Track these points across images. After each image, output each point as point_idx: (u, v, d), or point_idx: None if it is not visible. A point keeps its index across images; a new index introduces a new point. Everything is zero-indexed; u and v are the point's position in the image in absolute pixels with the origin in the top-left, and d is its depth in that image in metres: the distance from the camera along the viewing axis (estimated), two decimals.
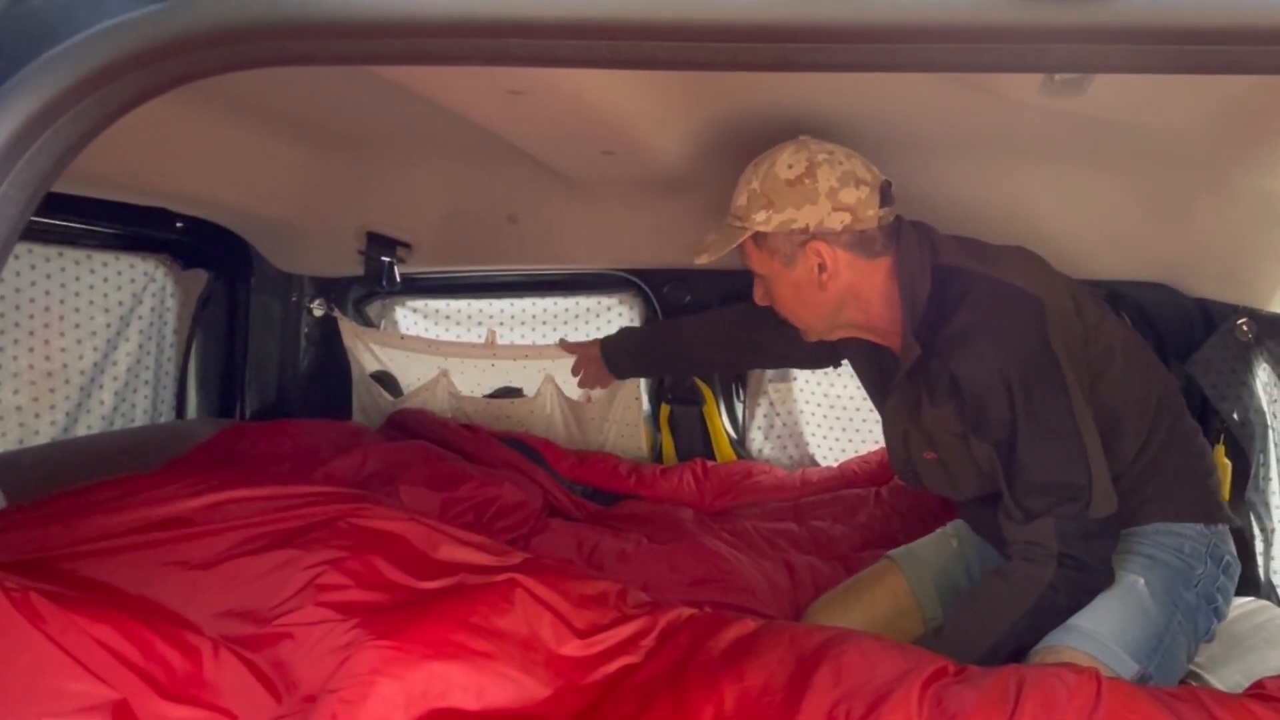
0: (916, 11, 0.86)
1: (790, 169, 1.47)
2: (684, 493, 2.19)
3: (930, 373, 1.49)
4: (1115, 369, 1.52)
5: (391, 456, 2.00)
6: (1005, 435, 1.42)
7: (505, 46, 0.92)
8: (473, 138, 1.69)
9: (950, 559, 1.77)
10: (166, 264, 2.27)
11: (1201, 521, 1.55)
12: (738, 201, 1.53)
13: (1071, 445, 1.40)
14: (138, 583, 1.22)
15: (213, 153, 1.84)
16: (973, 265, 1.49)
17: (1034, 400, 1.40)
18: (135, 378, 2.24)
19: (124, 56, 0.85)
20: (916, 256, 1.50)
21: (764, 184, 1.49)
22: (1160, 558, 1.51)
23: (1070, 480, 1.40)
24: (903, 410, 1.58)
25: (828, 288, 1.51)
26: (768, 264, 1.54)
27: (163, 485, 1.42)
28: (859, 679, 1.21)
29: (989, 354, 1.41)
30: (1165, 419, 1.58)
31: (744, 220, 1.51)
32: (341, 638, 1.17)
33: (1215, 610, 1.54)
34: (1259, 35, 0.83)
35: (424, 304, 2.62)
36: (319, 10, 0.89)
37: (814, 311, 1.57)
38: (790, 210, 1.47)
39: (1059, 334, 1.43)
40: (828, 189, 1.46)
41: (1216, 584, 1.54)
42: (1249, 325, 1.92)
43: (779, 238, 1.50)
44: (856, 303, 1.54)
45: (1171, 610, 1.46)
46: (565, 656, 1.28)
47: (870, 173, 1.50)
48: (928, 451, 1.59)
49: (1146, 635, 1.42)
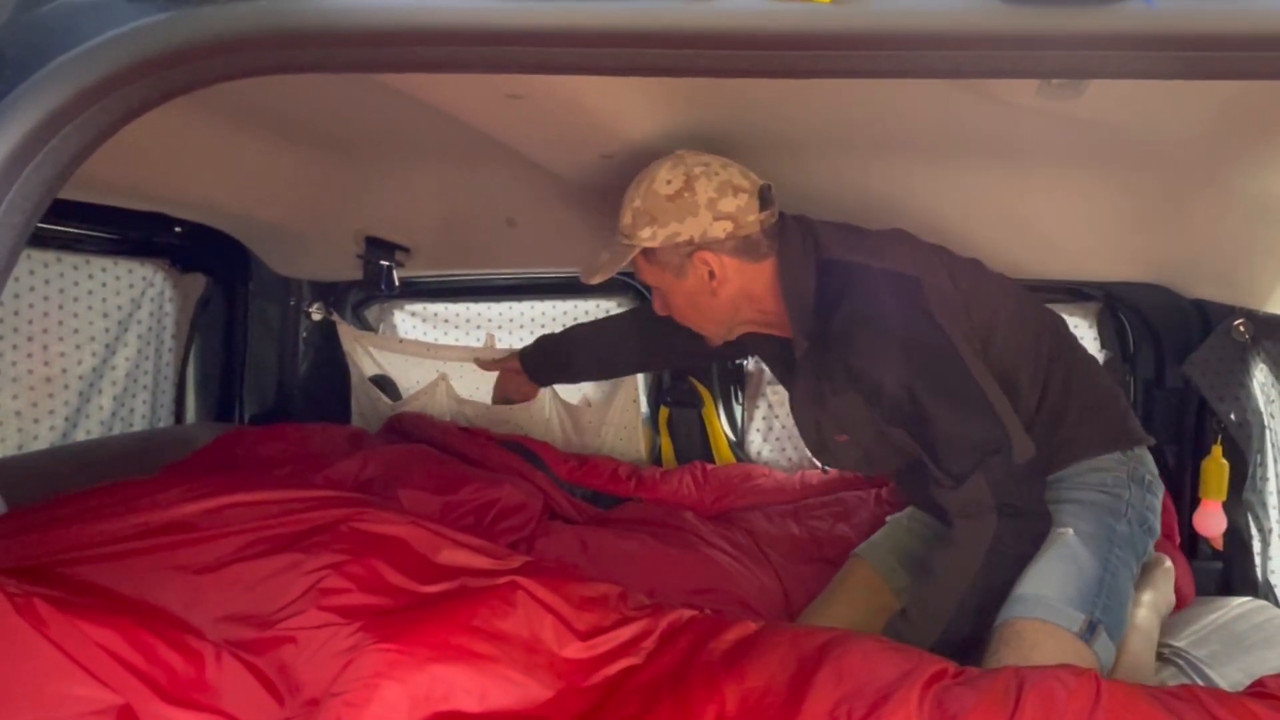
0: (916, 18, 0.87)
1: (669, 184, 1.53)
2: (684, 495, 2.19)
3: (827, 365, 1.55)
4: (1001, 329, 1.58)
5: (391, 460, 2.00)
6: (912, 415, 1.49)
7: (506, 54, 0.93)
8: (471, 141, 1.70)
9: (903, 533, 1.85)
10: (165, 269, 2.27)
11: (1118, 450, 1.62)
12: (623, 220, 1.58)
13: (978, 403, 1.48)
14: (140, 588, 1.22)
15: (211, 158, 1.84)
16: (852, 256, 1.56)
17: (930, 375, 1.47)
18: (134, 382, 2.23)
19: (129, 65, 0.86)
20: (798, 253, 1.56)
21: (645, 201, 1.54)
22: (1086, 499, 1.57)
23: (986, 435, 1.47)
24: (808, 399, 1.64)
25: (719, 294, 1.58)
26: (660, 277, 1.60)
27: (163, 490, 1.42)
28: (860, 680, 1.22)
29: (877, 343, 1.48)
30: (1059, 363, 1.63)
31: (631, 238, 1.57)
32: (344, 641, 1.17)
33: (1148, 530, 1.61)
34: (1253, 41, 0.84)
35: (423, 308, 2.62)
36: (321, 19, 0.90)
37: (710, 317, 1.64)
38: (673, 224, 1.53)
39: (941, 308, 1.50)
40: (707, 200, 1.52)
41: (1145, 504, 1.61)
42: (1246, 326, 1.94)
43: (666, 251, 1.56)
44: (750, 303, 1.61)
45: (1107, 549, 1.52)
46: (567, 658, 1.28)
47: (748, 179, 1.55)
48: (840, 435, 1.65)
49: (1086, 582, 1.48)
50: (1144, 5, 0.83)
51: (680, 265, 1.57)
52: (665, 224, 1.53)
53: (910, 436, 1.52)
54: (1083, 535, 1.52)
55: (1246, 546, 2.02)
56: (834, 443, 1.67)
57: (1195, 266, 1.95)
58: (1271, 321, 1.91)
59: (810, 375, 1.60)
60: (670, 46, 0.91)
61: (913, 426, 1.51)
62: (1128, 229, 1.87)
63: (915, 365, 1.47)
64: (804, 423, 1.71)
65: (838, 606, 1.75)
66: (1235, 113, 1.36)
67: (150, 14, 0.88)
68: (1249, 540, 2.01)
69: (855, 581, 1.79)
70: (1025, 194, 1.83)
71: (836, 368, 1.54)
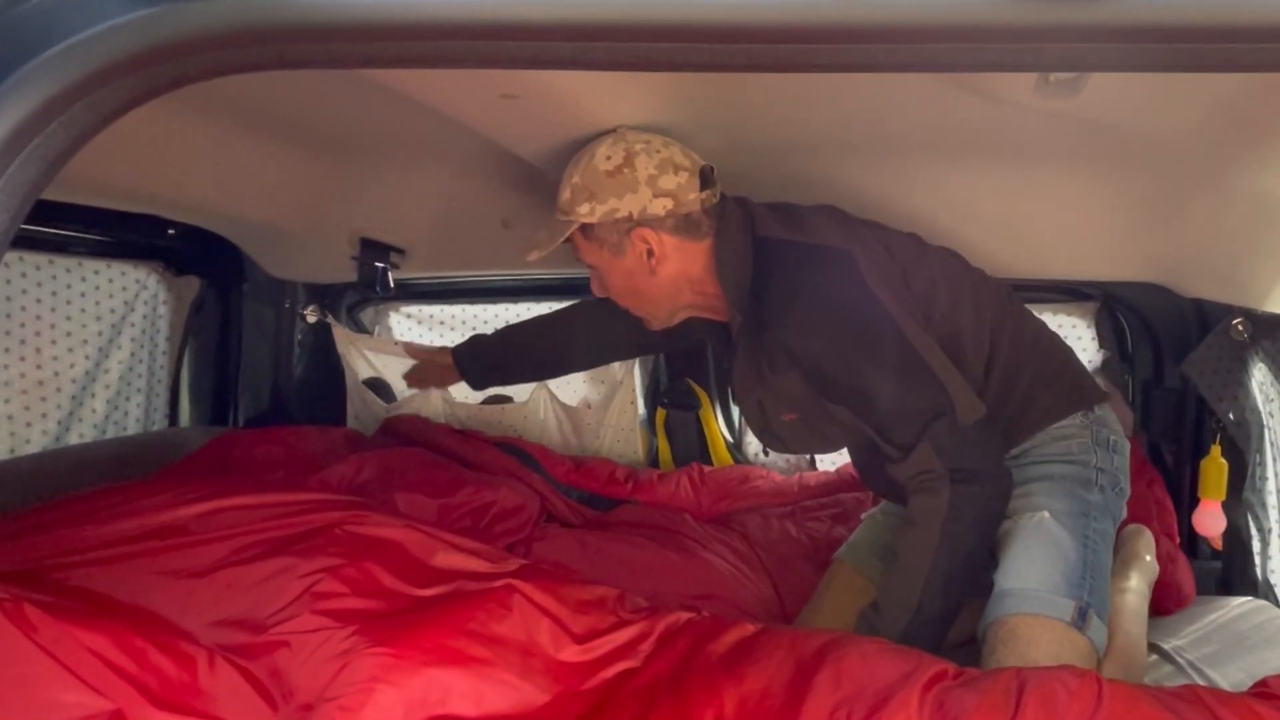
0: (913, 11, 0.86)
1: (609, 160, 1.51)
2: (681, 498, 2.18)
3: (764, 345, 1.53)
4: (942, 298, 1.56)
5: (387, 463, 1.99)
6: (852, 389, 1.47)
7: (497, 49, 0.92)
8: (466, 142, 1.69)
9: (879, 528, 1.83)
10: (158, 271, 2.26)
11: (1078, 410, 1.60)
12: (562, 196, 1.57)
13: (916, 369, 1.45)
14: (132, 592, 1.21)
15: (205, 159, 1.83)
16: (785, 234, 1.54)
17: (866, 345, 1.45)
18: (128, 386, 2.22)
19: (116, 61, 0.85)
20: (735, 233, 1.55)
21: (584, 177, 1.53)
22: (1056, 473, 1.55)
23: (928, 402, 1.45)
24: (749, 380, 1.62)
25: (658, 273, 1.56)
26: (597, 254, 1.58)
27: (156, 494, 1.41)
28: (859, 682, 1.21)
29: (811, 318, 1.47)
30: (1005, 329, 1.61)
31: (569, 214, 1.55)
32: (339, 645, 1.16)
33: (1120, 491, 1.59)
34: (1254, 33, 0.83)
35: (418, 309, 2.61)
36: (309, 13, 0.89)
37: (650, 298, 1.62)
38: (613, 200, 1.51)
39: (875, 277, 1.48)
40: (647, 176, 1.50)
41: (1114, 466, 1.58)
42: (1244, 325, 1.93)
43: (605, 228, 1.54)
44: (690, 285, 1.59)
45: (1084, 524, 1.50)
46: (564, 662, 1.27)
47: (689, 159, 1.54)
48: (786, 414, 1.62)
49: (1070, 566, 1.46)
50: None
51: (619, 243, 1.55)
52: (604, 200, 1.52)
53: (852, 412, 1.50)
54: (1059, 515, 1.50)
55: (1246, 546, 2.01)
56: (780, 423, 1.64)
57: (1193, 266, 1.95)
58: (1270, 321, 1.90)
59: (749, 355, 1.58)
60: (663, 40, 0.90)
61: (854, 401, 1.49)
62: (1126, 228, 1.86)
63: (848, 337, 1.45)
64: (747, 405, 1.68)
65: (825, 612, 1.74)
66: (1233, 111, 1.35)
67: (135, 9, 0.87)
68: (1248, 540, 2.00)
69: (839, 584, 1.78)
70: (1023, 193, 1.83)
71: (774, 347, 1.52)
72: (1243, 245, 1.70)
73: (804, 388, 1.53)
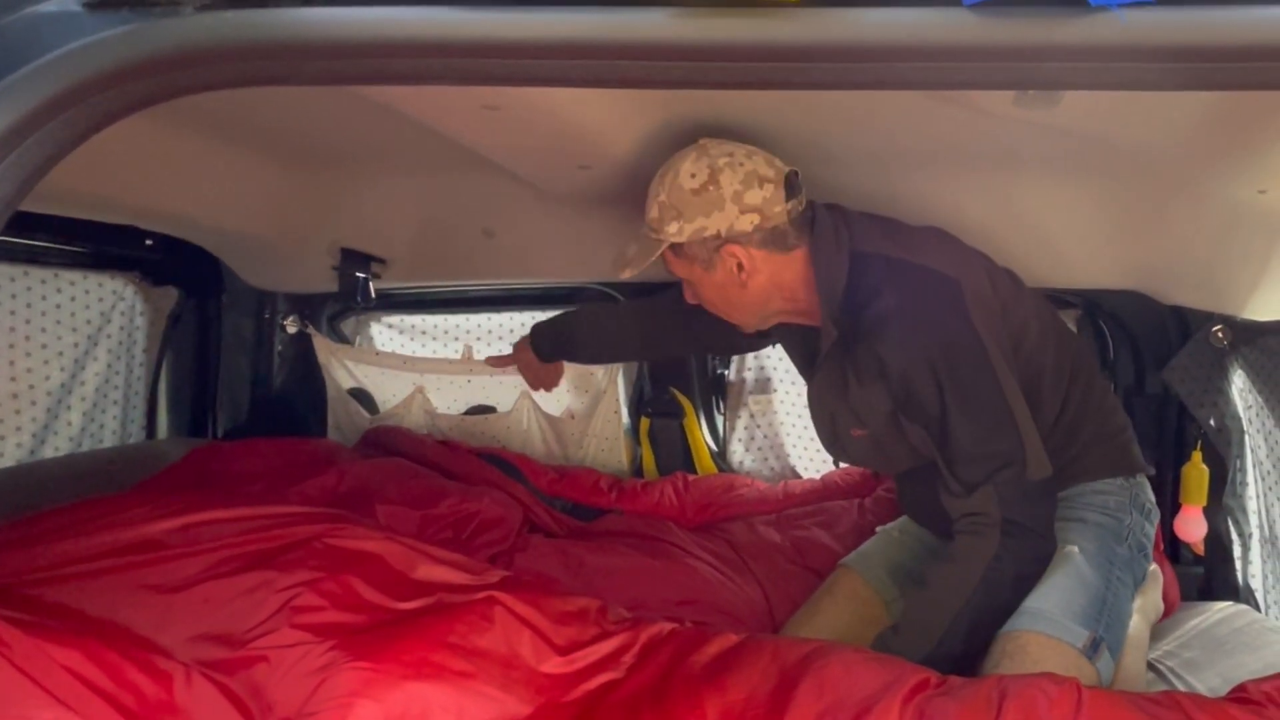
0: (889, 30, 0.87)
1: (693, 178, 1.49)
2: (665, 507, 2.17)
3: (855, 356, 1.54)
4: (1031, 338, 1.58)
5: (368, 474, 1.98)
6: (935, 414, 1.47)
7: (475, 66, 0.92)
8: (448, 152, 1.68)
9: (894, 546, 1.83)
10: (136, 282, 2.24)
11: (1122, 475, 1.63)
12: (650, 215, 1.56)
13: (1001, 415, 1.46)
14: (107, 608, 1.20)
15: (183, 169, 1.81)
16: (890, 250, 1.54)
17: (960, 378, 1.45)
18: (104, 398, 2.20)
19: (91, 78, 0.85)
20: (831, 244, 1.54)
21: (670, 195, 1.51)
22: (1091, 519, 1.58)
23: (1004, 448, 1.46)
24: (829, 390, 1.63)
25: (749, 285, 1.55)
26: (689, 270, 1.58)
27: (133, 507, 1.40)
28: (842, 692, 1.21)
29: (911, 338, 1.46)
30: (1080, 382, 1.64)
31: (658, 232, 1.54)
32: (318, 660, 1.15)
33: (1145, 555, 1.62)
34: (1224, 53, 0.85)
35: (400, 319, 2.59)
36: (288, 31, 0.89)
37: (742, 309, 1.62)
38: (700, 219, 1.50)
39: (978, 311, 1.48)
40: (732, 193, 1.48)
41: (1144, 531, 1.61)
42: (1224, 332, 1.95)
43: (694, 246, 1.53)
44: (781, 293, 1.58)
45: (1108, 569, 1.53)
46: (546, 674, 1.27)
47: (773, 168, 1.52)
48: (856, 429, 1.63)
49: (1090, 600, 1.48)
50: (1114, 17, 0.83)
51: (709, 259, 1.54)
52: (691, 219, 1.50)
53: (928, 436, 1.50)
54: (1087, 553, 1.52)
55: (1227, 551, 2.03)
56: (848, 437, 1.65)
57: (1173, 273, 1.97)
58: (1249, 327, 1.92)
59: (835, 365, 1.58)
60: (643, 58, 0.90)
61: (932, 427, 1.49)
62: (1106, 237, 1.87)
63: (946, 366, 1.45)
64: (820, 415, 1.69)
65: (824, 617, 1.74)
66: (1210, 121, 1.37)
67: (114, 26, 0.87)
68: (1229, 545, 2.02)
69: (843, 591, 1.78)
70: (1003, 202, 1.84)
71: (867, 359, 1.52)
72: (1221, 253, 1.72)
73: (885, 403, 1.53)
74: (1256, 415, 1.97)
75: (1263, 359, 1.96)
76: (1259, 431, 1.97)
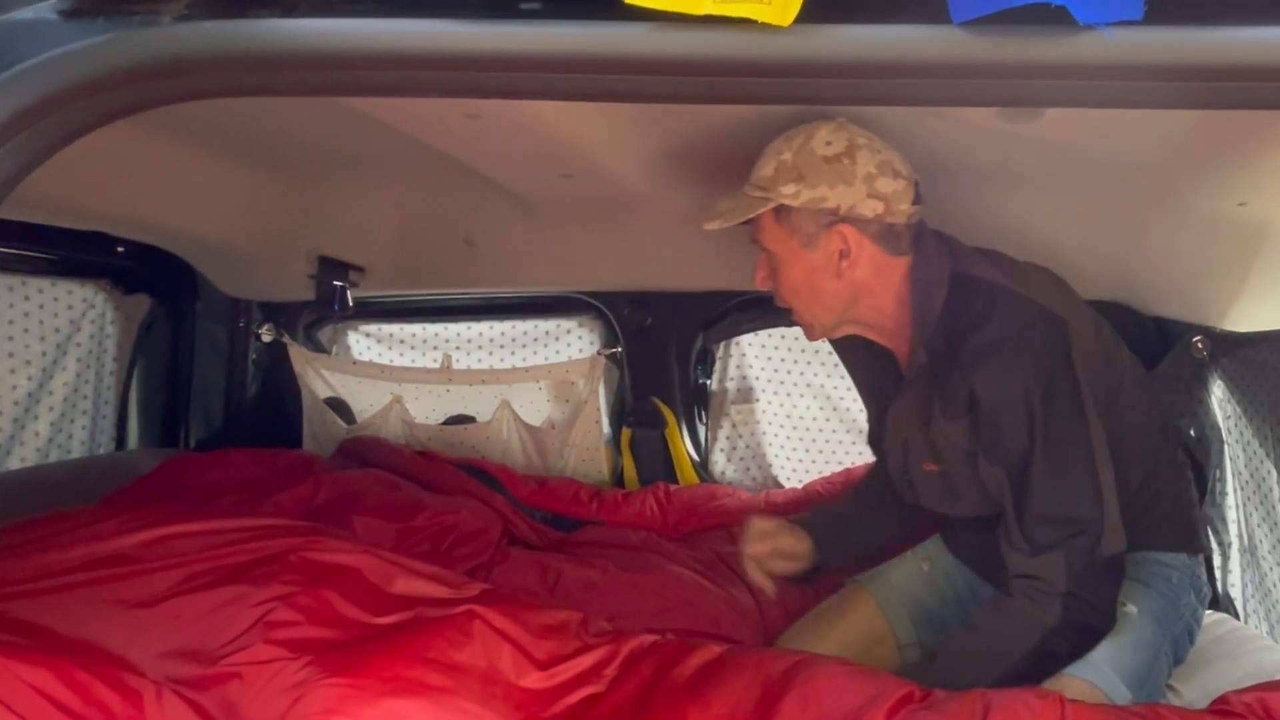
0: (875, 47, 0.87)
1: (829, 145, 1.39)
2: (647, 517, 2.16)
3: (948, 384, 1.43)
4: (1126, 394, 1.51)
5: (344, 486, 1.95)
6: (1019, 460, 1.38)
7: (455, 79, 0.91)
8: (429, 160, 1.67)
9: (920, 583, 1.71)
10: (106, 289, 2.20)
11: (1186, 552, 1.56)
12: (761, 172, 1.43)
13: (1087, 478, 1.37)
14: (76, 624, 1.17)
15: (157, 177, 1.79)
16: (997, 277, 1.45)
17: (1053, 426, 1.36)
18: (72, 407, 2.16)
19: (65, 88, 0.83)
20: (934, 263, 1.45)
21: (798, 157, 1.40)
22: (1153, 585, 1.49)
23: (1083, 514, 1.37)
24: (907, 418, 1.53)
25: (844, 277, 1.44)
26: (784, 242, 1.45)
27: (103, 520, 1.38)
28: (826, 705, 1.20)
29: (1014, 372, 1.37)
30: (1165, 450, 1.57)
31: (769, 191, 1.41)
32: (293, 676, 1.13)
33: (1191, 640, 1.56)
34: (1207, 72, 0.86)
35: (378, 328, 2.57)
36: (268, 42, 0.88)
37: (824, 303, 1.49)
38: (823, 188, 1.39)
39: (1082, 360, 1.40)
40: (865, 174, 1.39)
41: (1195, 616, 1.55)
42: (1204, 343, 1.96)
43: (804, 215, 1.42)
44: (870, 299, 1.48)
45: (1161, 640, 1.46)
46: (526, 689, 1.25)
47: (906, 169, 1.44)
48: (928, 463, 1.53)
49: (1139, 664, 1.41)
50: (1102, 35, 0.84)
51: (813, 234, 1.42)
52: (814, 185, 1.39)
53: (1007, 484, 1.40)
54: (1145, 618, 1.45)
55: (1207, 560, 2.04)
56: (919, 470, 1.55)
57: (1155, 285, 1.98)
58: (1229, 338, 1.94)
59: (920, 393, 1.48)
60: (628, 73, 0.90)
61: (1014, 474, 1.39)
62: (1088, 248, 1.89)
63: (1042, 410, 1.35)
64: (893, 445, 1.59)
65: (831, 641, 1.63)
66: (1191, 136, 1.38)
67: (90, 35, 0.85)
68: (1209, 554, 2.03)
69: (857, 618, 1.67)
70: (985, 214, 1.85)
71: (958, 389, 1.41)
72: (1201, 264, 1.74)
73: (966, 441, 1.44)
74: (1235, 425, 1.99)
75: (1241, 370, 1.97)
76: (1237, 441, 1.99)
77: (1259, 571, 2.00)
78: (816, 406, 2.45)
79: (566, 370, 2.41)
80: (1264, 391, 1.92)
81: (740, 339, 2.45)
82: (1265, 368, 1.91)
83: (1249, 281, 1.74)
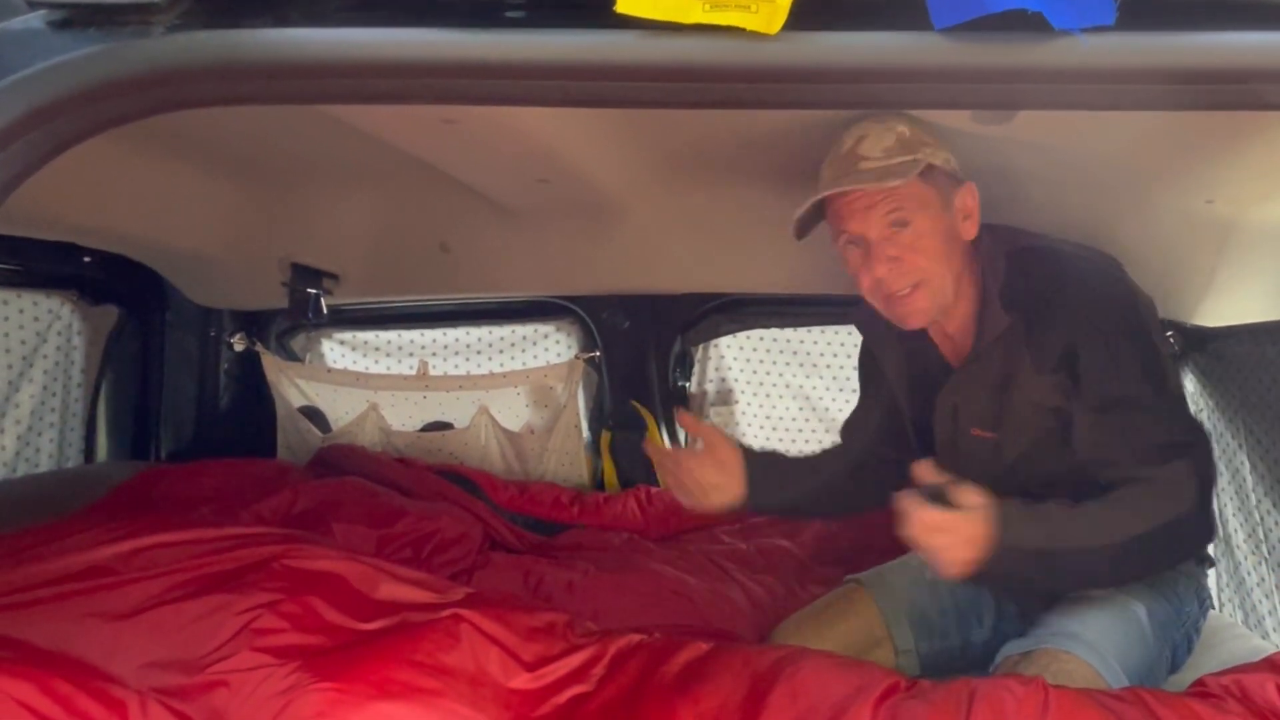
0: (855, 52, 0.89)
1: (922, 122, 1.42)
2: (629, 520, 2.17)
3: (1045, 340, 1.42)
4: (1171, 377, 1.53)
5: (323, 494, 1.94)
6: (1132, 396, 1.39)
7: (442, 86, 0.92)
8: (403, 165, 1.67)
9: (923, 590, 1.66)
10: (73, 300, 2.16)
11: (1193, 560, 1.58)
12: (883, 143, 1.38)
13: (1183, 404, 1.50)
14: (56, 637, 1.16)
15: (124, 185, 1.76)
16: (1041, 242, 1.50)
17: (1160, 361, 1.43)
18: (39, 420, 2.11)
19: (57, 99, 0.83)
20: (989, 241, 1.48)
21: (911, 129, 1.39)
22: (1161, 590, 1.51)
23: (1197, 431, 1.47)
24: (974, 385, 1.51)
25: (965, 239, 1.45)
26: (925, 203, 1.40)
27: (77, 533, 1.36)
28: (814, 697, 1.21)
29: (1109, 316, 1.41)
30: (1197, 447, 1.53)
31: (916, 152, 1.37)
32: (281, 683, 1.13)
33: (1189, 647, 1.58)
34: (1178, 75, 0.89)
35: (352, 336, 2.55)
36: (258, 52, 0.88)
37: (954, 269, 1.45)
38: (945, 152, 1.42)
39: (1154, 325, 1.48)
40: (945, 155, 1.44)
41: (1195, 626, 1.57)
42: (1175, 338, 2.00)
43: (943, 175, 1.41)
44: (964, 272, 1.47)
45: (1162, 645, 1.48)
46: (515, 690, 1.26)
47: None
48: (981, 429, 1.52)
49: (1141, 662, 1.42)
50: (1076, 40, 0.86)
51: (950, 192, 1.42)
52: (941, 149, 1.41)
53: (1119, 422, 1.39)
54: (1150, 620, 1.46)
55: None
56: (967, 437, 1.53)
57: None
58: (1199, 333, 1.98)
59: (998, 358, 1.46)
60: (619, 79, 0.91)
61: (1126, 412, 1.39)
62: None
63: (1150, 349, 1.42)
64: (942, 414, 1.56)
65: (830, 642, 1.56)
66: (1159, 135, 1.42)
67: (82, 46, 0.85)
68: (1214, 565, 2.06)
69: (858, 622, 1.64)
70: None
71: (1053, 345, 1.41)
72: (1171, 262, 1.77)
73: (1056, 397, 1.43)
74: (1208, 419, 2.03)
75: (1212, 363, 2.01)
76: (1211, 434, 2.03)
77: (1233, 561, 2.04)
78: (796, 407, 2.47)
79: (545, 375, 2.41)
80: (1235, 385, 1.95)
81: (719, 341, 2.47)
82: (1236, 361, 1.95)
83: (1218, 276, 1.78)
